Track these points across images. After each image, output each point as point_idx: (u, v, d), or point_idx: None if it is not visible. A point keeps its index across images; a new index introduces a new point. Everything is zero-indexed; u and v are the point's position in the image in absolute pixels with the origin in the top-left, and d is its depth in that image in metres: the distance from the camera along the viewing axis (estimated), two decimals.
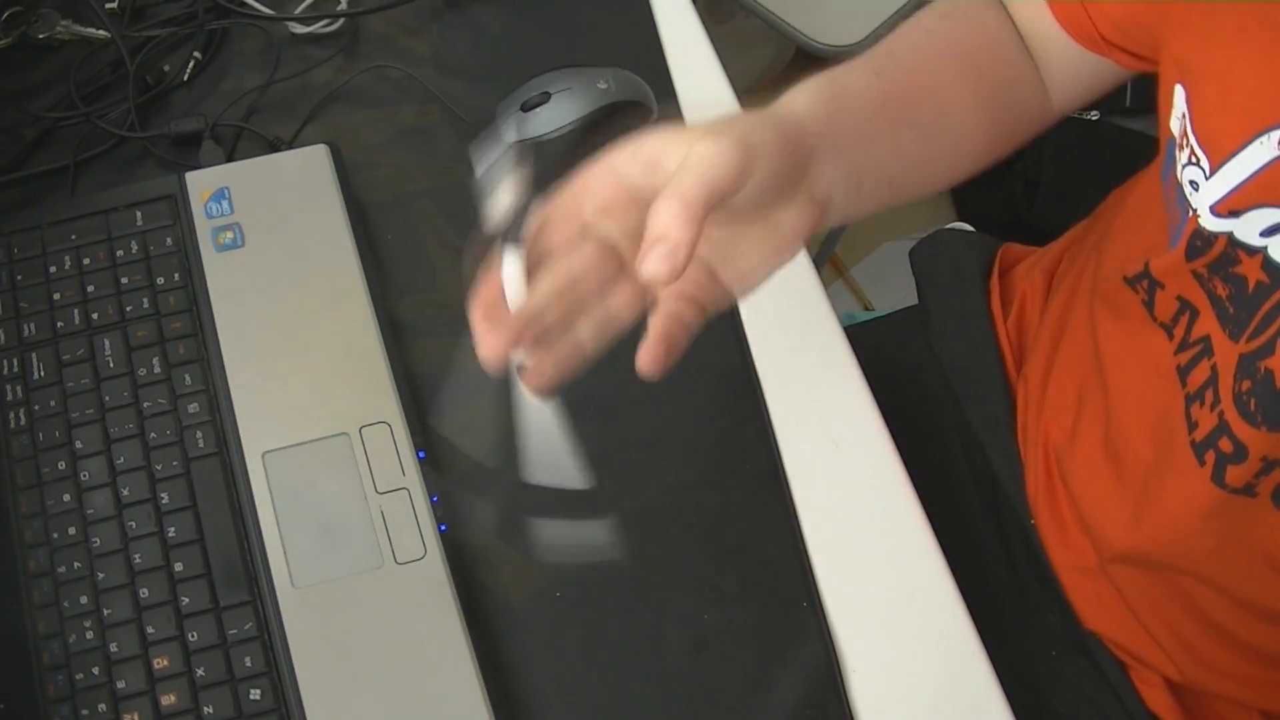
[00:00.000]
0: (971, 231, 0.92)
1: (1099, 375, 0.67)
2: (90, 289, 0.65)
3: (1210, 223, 0.54)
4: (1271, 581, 0.60)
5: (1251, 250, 0.52)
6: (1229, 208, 0.52)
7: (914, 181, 0.58)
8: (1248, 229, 0.52)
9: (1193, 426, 0.58)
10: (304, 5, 0.79)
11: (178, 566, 0.58)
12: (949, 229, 0.92)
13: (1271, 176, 0.50)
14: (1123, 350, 0.65)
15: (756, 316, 0.68)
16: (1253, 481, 0.56)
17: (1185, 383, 0.59)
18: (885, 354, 0.85)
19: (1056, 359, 0.73)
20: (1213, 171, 0.53)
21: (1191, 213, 0.55)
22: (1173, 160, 0.56)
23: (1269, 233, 0.51)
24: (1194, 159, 0.54)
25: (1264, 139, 0.50)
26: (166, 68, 0.76)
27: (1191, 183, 0.54)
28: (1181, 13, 0.55)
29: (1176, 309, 0.59)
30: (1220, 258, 0.54)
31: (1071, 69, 0.64)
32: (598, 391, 0.65)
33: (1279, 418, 0.52)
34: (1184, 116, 0.55)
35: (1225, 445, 0.56)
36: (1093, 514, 0.68)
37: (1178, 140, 0.55)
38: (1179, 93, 0.55)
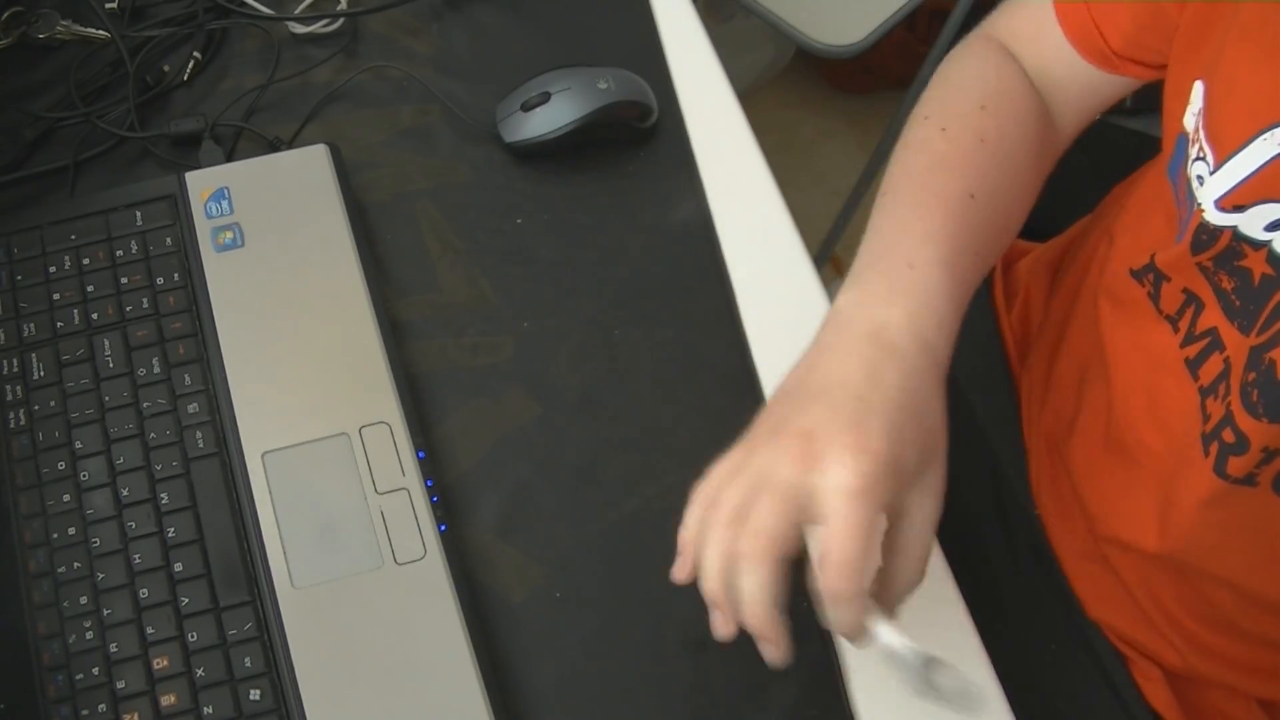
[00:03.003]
0: None
1: (1101, 366, 0.67)
2: (90, 289, 0.65)
3: (1215, 217, 0.54)
4: (1274, 571, 0.60)
5: (1256, 244, 0.53)
6: (1233, 203, 0.53)
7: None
8: (1252, 224, 0.52)
9: (1206, 419, 0.58)
10: (304, 5, 0.79)
11: (177, 567, 0.58)
12: None
13: (1274, 173, 0.50)
14: (1126, 342, 0.65)
15: (756, 316, 0.68)
16: (1254, 471, 0.56)
17: (1197, 376, 0.59)
18: None
19: (1060, 351, 0.74)
20: (1217, 167, 0.53)
21: (1197, 207, 0.55)
22: (1183, 156, 0.56)
23: (1273, 228, 0.52)
24: (1201, 154, 0.54)
25: (1267, 136, 0.50)
26: (166, 68, 0.76)
27: (1198, 177, 0.55)
28: (1199, 13, 0.55)
29: (1182, 302, 0.60)
30: (1225, 251, 0.55)
31: (1084, 92, 0.66)
32: (598, 391, 0.65)
33: (1279, 409, 0.53)
34: (1200, 113, 0.55)
35: (1228, 435, 0.56)
36: (1095, 501, 0.69)
37: (1190, 136, 0.56)
38: (1198, 89, 0.55)
